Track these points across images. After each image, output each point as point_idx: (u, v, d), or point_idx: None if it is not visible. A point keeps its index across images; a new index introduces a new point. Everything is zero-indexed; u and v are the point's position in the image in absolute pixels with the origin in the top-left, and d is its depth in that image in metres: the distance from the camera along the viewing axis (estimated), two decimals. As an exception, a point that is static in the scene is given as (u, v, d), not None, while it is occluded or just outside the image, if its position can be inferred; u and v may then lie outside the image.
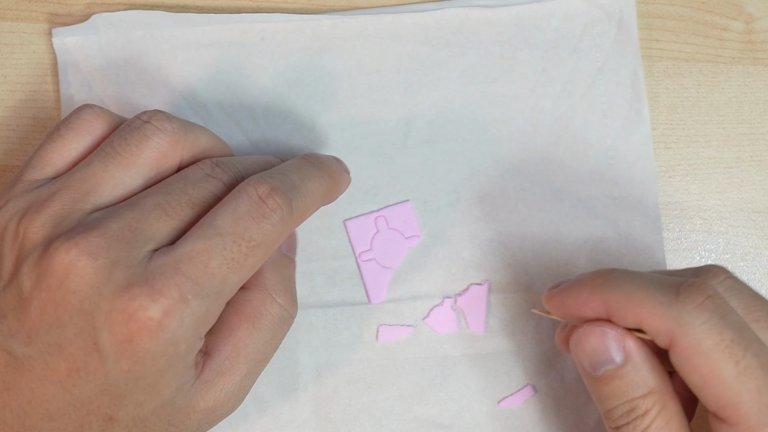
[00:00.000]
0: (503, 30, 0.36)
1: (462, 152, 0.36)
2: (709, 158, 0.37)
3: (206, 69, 0.36)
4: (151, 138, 0.29)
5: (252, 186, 0.27)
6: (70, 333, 0.26)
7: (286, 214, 0.28)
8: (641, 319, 0.27)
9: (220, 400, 0.29)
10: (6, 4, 0.37)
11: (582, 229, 0.36)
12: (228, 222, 0.27)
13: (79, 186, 0.28)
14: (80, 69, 0.35)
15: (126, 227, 0.26)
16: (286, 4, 0.37)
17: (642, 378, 0.27)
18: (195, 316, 0.26)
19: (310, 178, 0.30)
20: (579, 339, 0.28)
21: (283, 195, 0.27)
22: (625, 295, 0.27)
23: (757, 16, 0.38)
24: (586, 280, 0.28)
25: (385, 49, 0.36)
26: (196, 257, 0.26)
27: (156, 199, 0.27)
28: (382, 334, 0.35)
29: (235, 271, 0.27)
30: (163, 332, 0.25)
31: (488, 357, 0.35)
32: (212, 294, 0.26)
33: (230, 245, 0.26)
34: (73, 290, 0.25)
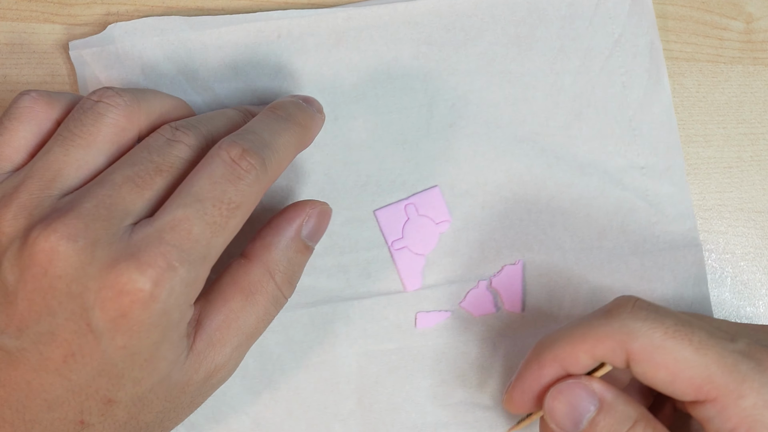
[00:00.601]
0: (517, 9, 0.36)
1: (485, 134, 0.36)
2: (709, 158, 0.37)
3: (224, 70, 0.36)
4: (106, 115, 0.29)
5: (224, 149, 0.27)
6: (61, 318, 0.26)
7: (260, 172, 0.28)
8: (592, 350, 0.28)
9: (210, 371, 0.29)
10: (6, 4, 0.37)
11: (611, 202, 0.36)
12: (205, 187, 0.27)
13: (43, 173, 0.28)
14: (99, 80, 0.35)
15: (100, 204, 0.26)
16: (300, 0, 0.37)
17: (622, 412, 0.28)
18: (184, 283, 0.26)
19: (280, 132, 0.29)
20: (550, 406, 0.29)
21: (255, 155, 0.27)
22: (566, 341, 0.28)
23: (757, 16, 0.38)
24: (529, 357, 0.30)
25: (402, 37, 0.36)
26: (179, 225, 0.26)
27: (124, 172, 0.27)
28: (420, 321, 0.35)
29: (218, 234, 0.27)
30: (155, 302, 0.25)
31: (527, 336, 0.35)
32: (199, 259, 0.26)
33: (210, 209, 0.26)
34: (59, 275, 0.25)
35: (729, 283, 0.37)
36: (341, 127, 0.36)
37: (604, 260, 0.36)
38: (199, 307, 0.29)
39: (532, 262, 0.36)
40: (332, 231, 0.35)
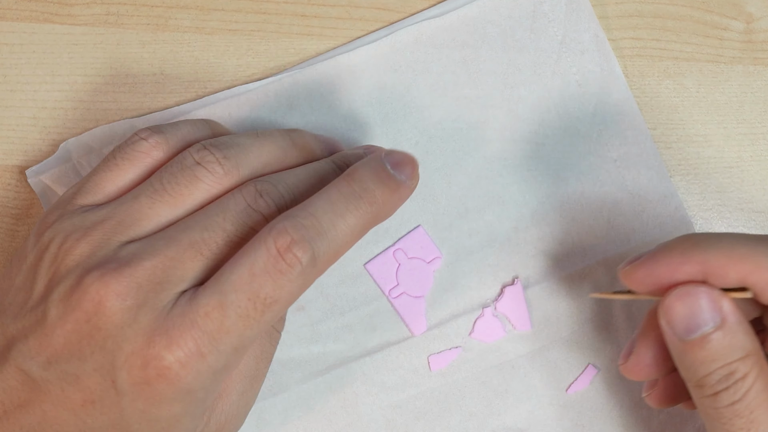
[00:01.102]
0: (457, 34, 0.36)
1: (455, 163, 0.36)
2: (709, 158, 0.37)
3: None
4: (202, 180, 0.28)
5: (272, 237, 0.25)
6: (89, 367, 0.26)
7: (307, 267, 0.26)
8: (745, 275, 0.26)
9: (221, 423, 0.29)
10: (5, 3, 0.37)
11: (594, 201, 0.36)
12: (244, 278, 0.25)
13: (123, 218, 0.27)
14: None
15: (159, 266, 0.26)
16: (243, 75, 0.37)
17: (739, 340, 0.26)
18: (212, 370, 0.26)
19: (345, 215, 0.27)
20: (671, 303, 0.27)
21: (304, 247, 0.25)
22: (725, 252, 0.26)
23: (757, 16, 0.38)
24: (674, 245, 0.27)
25: (351, 88, 0.36)
26: (212, 313, 0.25)
27: (193, 236, 0.27)
28: (433, 364, 0.35)
29: (251, 327, 0.26)
30: (179, 381, 0.25)
31: (543, 350, 0.35)
32: (229, 349, 0.26)
33: (245, 303, 0.25)
34: (99, 327, 0.25)
35: (729, 283, 0.37)
36: None
37: (600, 259, 0.36)
38: None
39: (530, 277, 0.36)
40: (328, 294, 0.35)
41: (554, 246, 0.36)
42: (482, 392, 0.35)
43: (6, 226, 0.36)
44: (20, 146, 0.36)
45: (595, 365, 0.35)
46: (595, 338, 0.35)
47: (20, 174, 0.36)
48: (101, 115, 0.36)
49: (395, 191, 0.28)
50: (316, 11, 0.37)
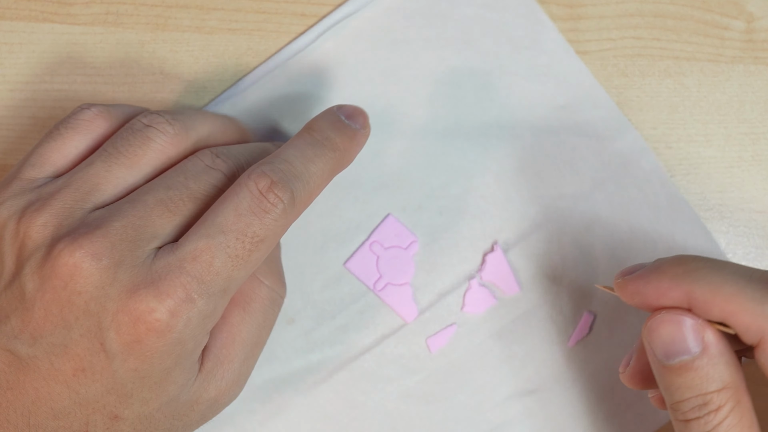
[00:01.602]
0: (396, 17, 0.37)
1: (411, 146, 0.36)
2: (710, 158, 0.37)
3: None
4: (154, 140, 0.29)
5: (252, 180, 0.27)
6: (75, 334, 0.26)
7: (288, 206, 0.27)
8: (729, 315, 0.26)
9: (221, 389, 0.29)
10: (5, 3, 0.37)
11: (553, 151, 0.36)
12: (230, 219, 0.26)
13: (81, 185, 0.28)
14: None
15: (129, 225, 0.26)
16: (243, 75, 0.37)
17: (718, 372, 0.26)
18: (202, 315, 0.26)
19: (314, 160, 0.29)
20: (655, 326, 0.27)
21: (283, 187, 0.27)
22: (711, 288, 0.26)
23: (758, 15, 0.38)
24: (666, 268, 0.27)
25: (290, 93, 0.36)
26: (200, 256, 0.26)
27: (158, 194, 0.27)
28: (432, 345, 0.35)
29: (239, 267, 0.26)
30: (170, 332, 0.25)
31: (536, 309, 0.36)
32: (218, 292, 0.26)
33: (233, 242, 0.26)
34: (79, 291, 0.25)
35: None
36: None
37: (572, 207, 0.36)
38: None
39: (508, 240, 0.36)
40: (315, 301, 0.35)
41: (525, 205, 0.36)
42: (487, 363, 0.35)
43: (5, 225, 0.36)
44: (20, 146, 0.36)
45: (590, 311, 0.36)
46: (584, 284, 0.36)
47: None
48: (101, 115, 0.36)
49: (353, 138, 0.30)
50: (316, 11, 0.37)
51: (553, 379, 0.35)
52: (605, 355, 0.36)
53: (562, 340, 0.36)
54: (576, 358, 0.35)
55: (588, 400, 0.35)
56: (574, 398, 0.35)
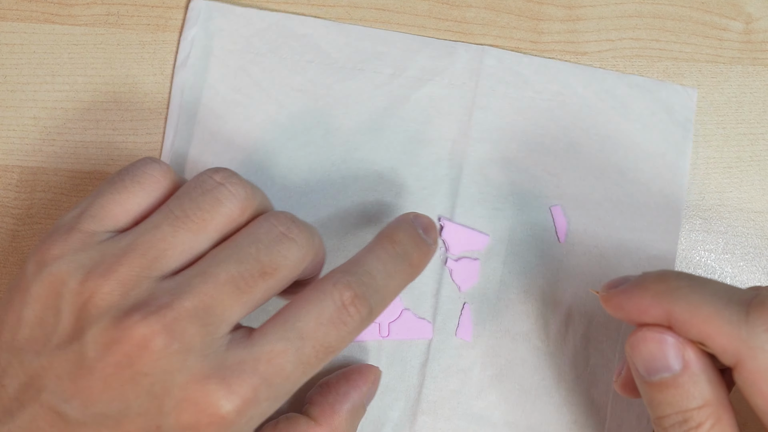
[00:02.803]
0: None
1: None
2: (708, 158, 0.37)
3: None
4: (224, 203, 0.27)
5: (338, 291, 0.27)
6: (133, 412, 0.25)
7: (365, 320, 0.27)
8: (706, 336, 0.26)
9: None
10: (6, 4, 0.37)
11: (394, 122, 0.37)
12: (311, 326, 0.26)
13: (147, 250, 0.26)
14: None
15: (200, 305, 0.25)
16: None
17: (698, 389, 0.26)
18: (263, 415, 0.26)
19: (393, 275, 0.28)
20: (636, 342, 0.27)
21: (365, 303, 0.27)
22: (690, 309, 0.26)
23: (756, 16, 0.38)
24: (648, 285, 0.27)
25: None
26: (275, 359, 0.25)
27: (229, 270, 0.26)
28: (465, 335, 0.36)
29: (307, 374, 0.26)
30: (230, 428, 0.25)
31: (513, 243, 0.36)
32: (282, 395, 0.26)
33: (309, 350, 0.26)
34: (145, 373, 0.25)
35: (729, 283, 0.37)
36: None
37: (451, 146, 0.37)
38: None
39: (444, 212, 0.36)
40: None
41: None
42: (516, 300, 0.36)
43: (6, 226, 0.36)
44: (20, 146, 0.36)
45: (559, 206, 0.36)
46: (544, 189, 0.36)
47: (20, 174, 0.36)
48: (101, 116, 0.36)
49: (427, 254, 0.30)
50: (316, 11, 0.37)
51: (549, 279, 0.36)
52: (592, 250, 0.36)
53: (552, 240, 0.36)
54: (568, 253, 0.36)
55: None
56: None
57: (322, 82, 0.37)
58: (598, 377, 0.35)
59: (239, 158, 0.36)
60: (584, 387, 0.35)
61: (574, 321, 0.36)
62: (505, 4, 0.38)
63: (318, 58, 0.37)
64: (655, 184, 0.37)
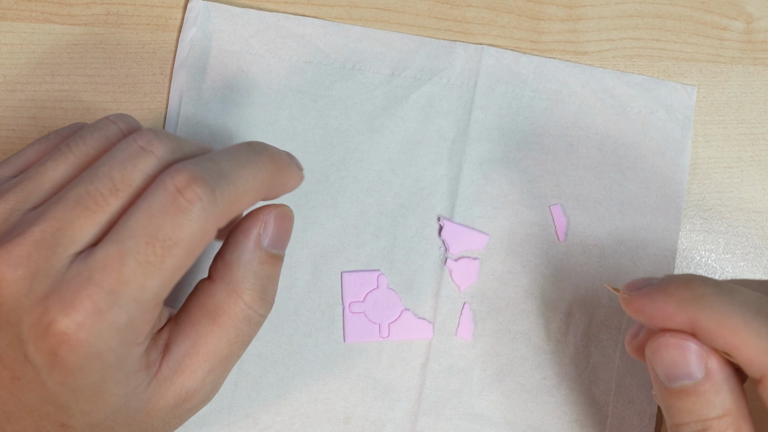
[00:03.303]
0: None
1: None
2: (709, 158, 0.37)
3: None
4: (111, 140, 0.27)
5: (169, 176, 0.24)
6: (2, 344, 0.25)
7: (207, 205, 0.24)
8: (732, 348, 0.25)
9: (181, 397, 0.28)
10: (6, 4, 0.37)
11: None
12: (141, 221, 0.24)
13: (26, 185, 0.26)
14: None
15: (48, 230, 0.25)
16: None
17: (720, 398, 0.26)
18: (114, 327, 0.24)
19: (245, 164, 0.26)
20: (658, 347, 0.26)
21: (204, 184, 0.24)
22: (716, 319, 0.25)
23: (757, 16, 0.38)
24: (672, 290, 0.26)
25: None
26: (109, 264, 0.24)
27: (79, 190, 0.25)
28: (465, 335, 0.36)
29: (152, 275, 0.24)
30: (81, 346, 0.24)
31: (512, 244, 0.36)
32: (130, 302, 0.24)
33: (143, 248, 0.24)
34: (0, 303, 0.24)
35: (729, 283, 0.37)
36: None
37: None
38: (168, 330, 0.28)
39: (445, 211, 0.36)
40: (354, 389, 0.35)
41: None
42: (515, 298, 0.36)
43: (6, 226, 0.36)
44: (20, 146, 0.36)
45: (559, 205, 0.36)
46: (544, 188, 0.36)
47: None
48: (101, 115, 0.36)
49: (290, 166, 0.28)
50: (316, 11, 0.37)
51: (551, 278, 0.36)
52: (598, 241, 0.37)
53: (551, 240, 0.36)
54: (567, 252, 0.36)
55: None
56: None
57: (320, 82, 0.37)
58: (599, 375, 0.35)
59: None
60: (585, 385, 0.35)
61: (575, 319, 0.36)
62: (506, 3, 0.38)
63: (316, 59, 0.37)
64: (655, 182, 0.36)
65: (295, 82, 0.36)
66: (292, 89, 0.36)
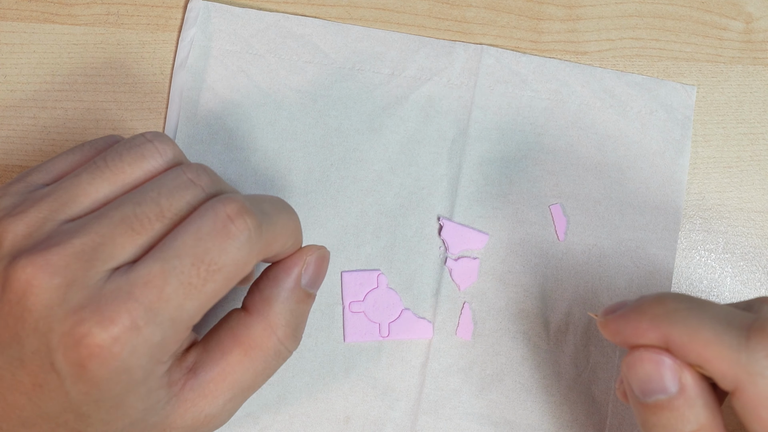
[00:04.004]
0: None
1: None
2: (708, 158, 0.37)
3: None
4: (147, 159, 0.28)
5: (221, 203, 0.25)
6: (28, 351, 0.25)
7: (254, 235, 0.25)
8: (705, 360, 0.25)
9: (199, 420, 0.28)
10: (6, 4, 0.37)
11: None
12: (188, 242, 0.25)
13: (61, 195, 0.27)
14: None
15: (88, 243, 0.25)
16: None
17: (694, 413, 0.26)
18: (148, 344, 0.25)
19: (282, 211, 0.28)
20: (633, 362, 0.27)
21: (253, 216, 0.26)
22: (688, 332, 0.25)
23: (756, 16, 0.38)
24: (645, 308, 0.27)
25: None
26: (152, 281, 0.24)
27: (125, 210, 0.26)
28: (465, 334, 0.36)
29: (192, 297, 0.25)
30: (113, 360, 0.24)
31: (512, 244, 0.36)
32: (166, 321, 0.25)
33: (188, 269, 0.25)
34: (30, 309, 0.25)
35: (729, 283, 0.37)
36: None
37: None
38: (196, 355, 0.28)
39: (444, 211, 0.36)
40: (355, 386, 0.35)
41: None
42: (514, 297, 0.36)
43: (6, 225, 0.36)
44: (20, 146, 0.36)
45: (559, 205, 0.36)
46: (544, 187, 0.37)
47: (19, 173, 0.36)
48: (101, 115, 0.36)
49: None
50: (316, 11, 0.37)
51: (553, 278, 0.36)
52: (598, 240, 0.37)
53: (551, 239, 0.36)
54: (567, 252, 0.36)
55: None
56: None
57: (320, 82, 0.37)
58: (598, 375, 0.35)
59: (239, 158, 0.36)
60: (585, 385, 0.35)
61: (574, 319, 0.36)
62: (505, 3, 0.38)
63: (316, 59, 0.37)
64: (655, 182, 0.36)
65: (295, 82, 0.37)
66: (292, 89, 0.36)
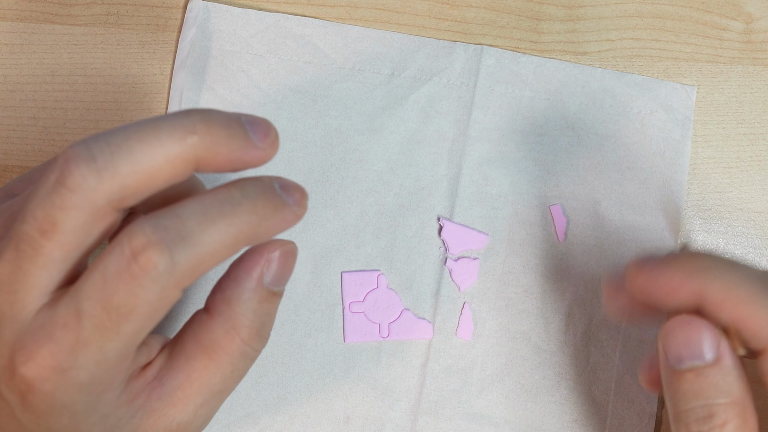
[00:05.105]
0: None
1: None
2: (708, 158, 0.37)
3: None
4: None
5: (127, 237, 0.23)
6: None
7: (163, 273, 0.23)
8: (739, 318, 0.25)
9: (171, 429, 0.27)
10: (6, 4, 0.37)
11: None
12: (97, 284, 0.23)
13: (14, 212, 0.26)
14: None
15: (3, 272, 0.24)
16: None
17: (728, 384, 0.25)
18: (78, 385, 0.24)
19: (216, 220, 0.24)
20: (672, 327, 0.26)
21: (160, 250, 0.22)
22: (725, 289, 0.25)
23: (756, 16, 0.38)
24: (680, 264, 0.26)
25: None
26: (68, 324, 0.23)
27: (15, 233, 0.24)
28: (465, 334, 0.36)
29: (110, 339, 0.23)
30: (47, 397, 0.23)
31: (512, 243, 0.36)
32: (91, 363, 0.23)
33: (98, 312, 0.23)
34: None
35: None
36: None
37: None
38: (161, 362, 0.27)
39: (444, 211, 0.36)
40: (355, 388, 0.35)
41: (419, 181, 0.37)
42: (515, 298, 0.36)
43: (6, 226, 0.36)
44: (20, 146, 0.36)
45: (559, 205, 0.36)
46: (544, 188, 0.37)
47: (20, 174, 0.36)
48: (101, 115, 0.36)
49: (279, 209, 0.25)
50: (316, 11, 0.37)
51: (552, 277, 0.36)
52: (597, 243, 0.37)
53: (552, 240, 0.36)
54: (567, 251, 0.36)
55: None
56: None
57: (320, 82, 0.37)
58: (598, 375, 0.35)
59: None
60: (585, 385, 0.35)
61: (575, 319, 0.36)
62: (505, 3, 0.38)
63: (316, 59, 0.37)
64: (655, 182, 0.36)
65: (295, 82, 0.37)
66: (292, 89, 0.36)
